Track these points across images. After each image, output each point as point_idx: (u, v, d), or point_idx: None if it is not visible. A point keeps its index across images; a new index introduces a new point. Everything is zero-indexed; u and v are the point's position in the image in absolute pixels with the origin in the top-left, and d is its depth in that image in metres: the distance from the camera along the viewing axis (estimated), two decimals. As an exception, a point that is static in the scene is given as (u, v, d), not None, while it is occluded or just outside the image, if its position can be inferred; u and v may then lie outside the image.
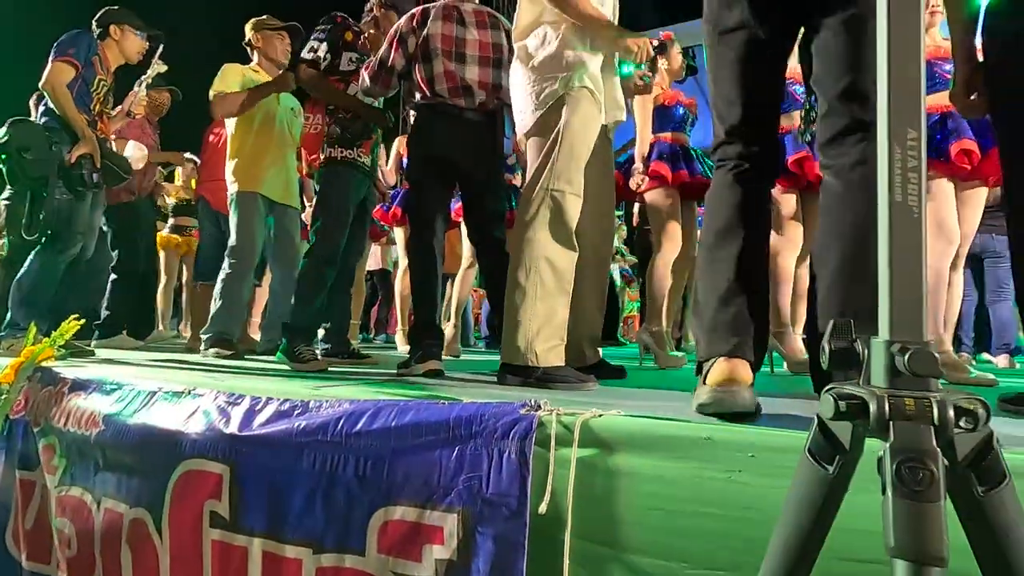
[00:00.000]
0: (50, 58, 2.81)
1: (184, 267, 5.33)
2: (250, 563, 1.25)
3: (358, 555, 1.13)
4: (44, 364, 2.05)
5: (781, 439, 0.87)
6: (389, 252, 5.98)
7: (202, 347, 2.95)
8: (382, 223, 4.14)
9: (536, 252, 1.75)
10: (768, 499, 0.83)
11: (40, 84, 2.77)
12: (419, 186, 2.32)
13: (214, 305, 3.03)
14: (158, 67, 3.06)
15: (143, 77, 3.10)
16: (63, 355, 2.16)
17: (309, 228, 2.68)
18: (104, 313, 3.52)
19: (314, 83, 2.56)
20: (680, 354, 3.10)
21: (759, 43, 1.21)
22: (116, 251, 3.55)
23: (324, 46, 2.50)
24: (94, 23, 3.05)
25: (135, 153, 3.28)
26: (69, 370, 1.95)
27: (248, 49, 3.29)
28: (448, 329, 3.89)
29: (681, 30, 4.11)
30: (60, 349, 2.11)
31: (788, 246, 2.70)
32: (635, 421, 0.98)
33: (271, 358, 2.89)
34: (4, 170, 2.78)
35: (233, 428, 1.34)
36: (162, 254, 4.93)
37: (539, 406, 1.07)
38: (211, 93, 2.97)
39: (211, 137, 3.73)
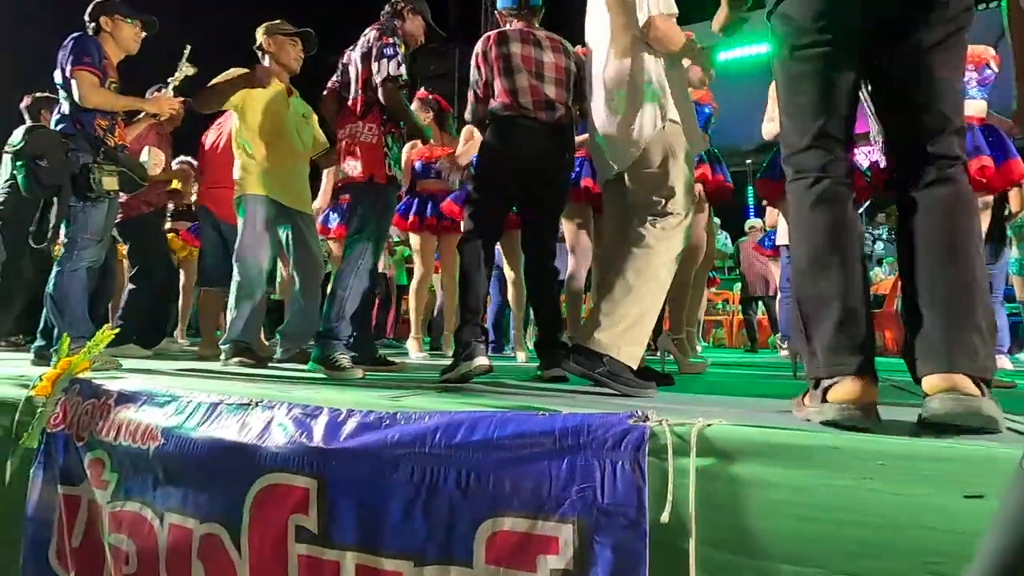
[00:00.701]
0: (67, 70, 2.74)
1: (182, 272, 5.25)
2: (342, 577, 1.25)
3: (465, 567, 1.13)
4: (80, 376, 2.01)
5: (909, 447, 0.90)
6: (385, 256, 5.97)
7: (223, 357, 2.91)
8: (399, 230, 4.14)
9: (654, 260, 1.87)
10: (902, 505, 0.87)
11: (81, 102, 2.74)
12: (489, 189, 2.39)
13: (229, 314, 2.99)
14: (187, 69, 3.00)
15: (171, 79, 3.04)
16: (98, 366, 2.12)
17: (345, 238, 2.67)
18: (117, 322, 3.46)
19: (400, 106, 2.61)
20: (702, 359, 3.15)
21: (840, 58, 1.27)
22: (135, 264, 3.49)
23: (403, 66, 2.56)
24: (86, 19, 2.96)
25: (152, 159, 3.21)
26: (112, 382, 1.92)
27: (259, 54, 3.25)
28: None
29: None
30: (95, 360, 2.07)
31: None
32: (753, 431, 1.01)
33: (296, 366, 2.87)
34: (19, 177, 2.72)
35: (318, 441, 1.33)
36: None
37: (647, 417, 1.09)
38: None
39: (208, 145, 3.68)
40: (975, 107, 2.98)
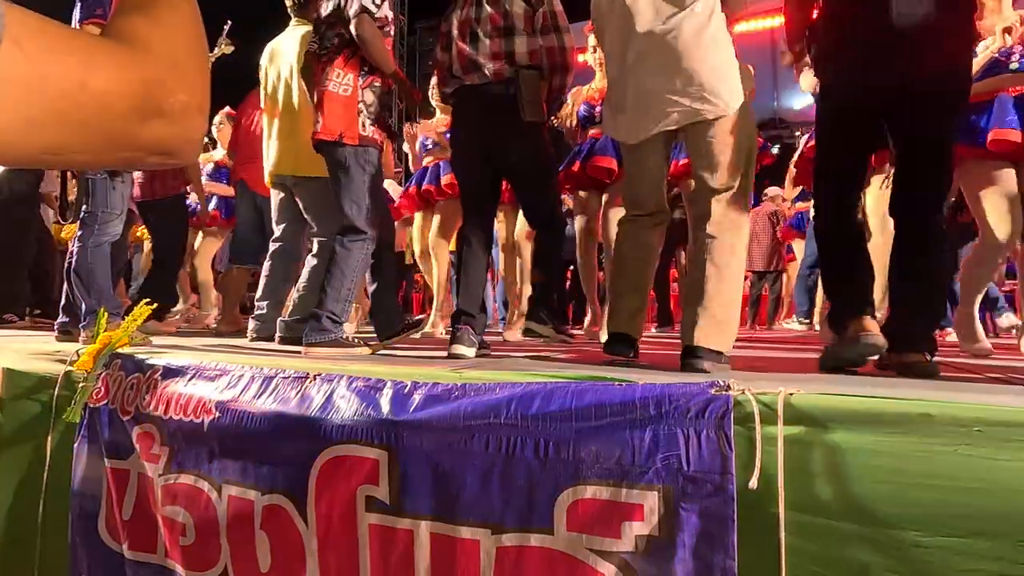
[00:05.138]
0: (75, 20, 2.51)
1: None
2: (417, 546, 1.26)
3: (545, 534, 1.15)
4: (121, 350, 2.00)
5: (1006, 413, 0.92)
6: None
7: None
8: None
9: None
10: (1001, 469, 0.88)
11: None
12: (458, 171, 2.43)
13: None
14: (225, 47, 2.95)
15: (209, 55, 2.96)
16: (138, 341, 2.11)
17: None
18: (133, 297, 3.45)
19: (376, 42, 2.31)
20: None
21: None
22: (159, 242, 3.47)
23: (386, 5, 2.33)
24: None
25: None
26: (155, 357, 1.91)
27: None
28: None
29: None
30: (136, 335, 2.06)
31: None
32: (843, 399, 1.02)
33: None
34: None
35: (386, 413, 1.33)
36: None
37: (728, 386, 1.10)
38: None
39: (244, 120, 3.60)
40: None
